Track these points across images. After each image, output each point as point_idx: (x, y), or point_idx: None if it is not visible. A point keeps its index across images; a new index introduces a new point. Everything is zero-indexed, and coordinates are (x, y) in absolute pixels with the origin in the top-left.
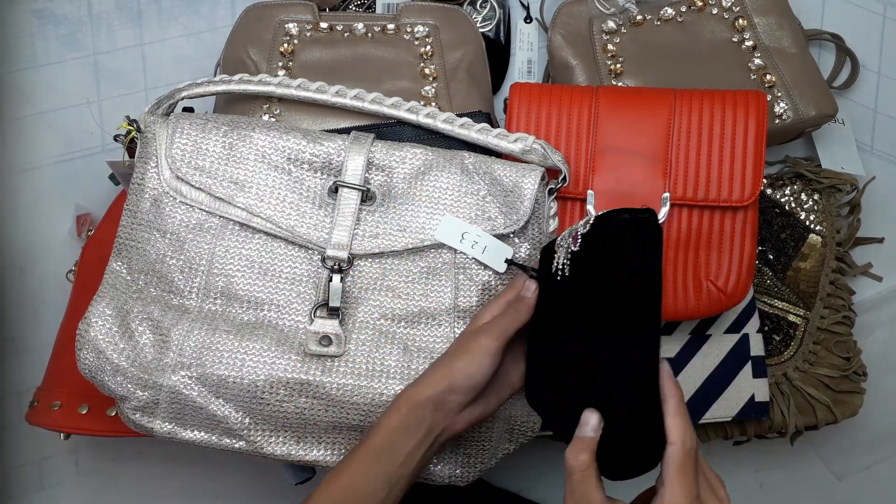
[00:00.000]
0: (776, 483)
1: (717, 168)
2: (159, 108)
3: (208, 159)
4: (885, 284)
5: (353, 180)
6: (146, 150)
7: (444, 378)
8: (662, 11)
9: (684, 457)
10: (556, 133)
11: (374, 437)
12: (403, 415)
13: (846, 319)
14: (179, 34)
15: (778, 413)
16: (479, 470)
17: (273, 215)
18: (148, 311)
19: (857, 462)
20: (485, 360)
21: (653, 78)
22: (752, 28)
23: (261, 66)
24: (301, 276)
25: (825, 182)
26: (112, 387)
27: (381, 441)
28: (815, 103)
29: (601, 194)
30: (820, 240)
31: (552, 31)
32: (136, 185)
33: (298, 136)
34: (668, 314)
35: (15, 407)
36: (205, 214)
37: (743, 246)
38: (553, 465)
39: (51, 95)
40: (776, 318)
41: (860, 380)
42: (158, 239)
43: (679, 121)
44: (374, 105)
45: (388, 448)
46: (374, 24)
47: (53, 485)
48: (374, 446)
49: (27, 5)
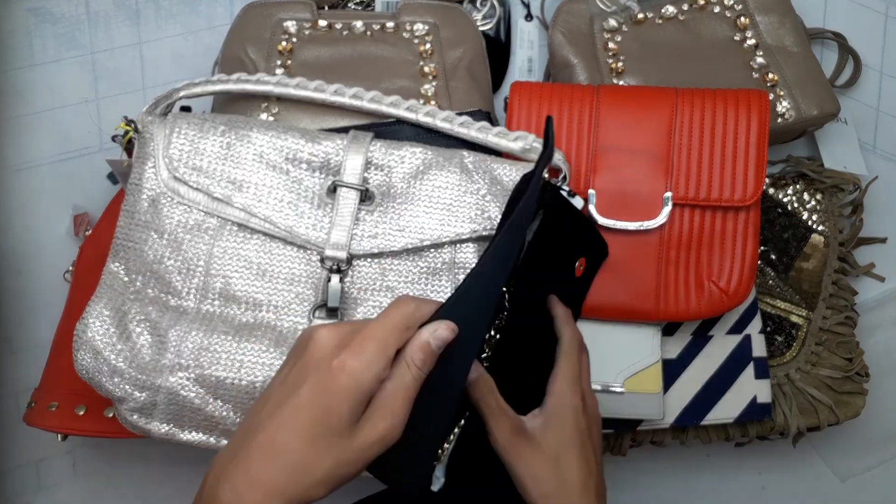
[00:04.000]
0: (778, 484)
1: (718, 167)
2: (157, 108)
3: (206, 159)
4: (887, 285)
5: (351, 180)
6: (144, 151)
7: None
8: (664, 10)
9: (572, 340)
10: (557, 132)
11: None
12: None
13: (849, 320)
14: (177, 33)
15: (780, 414)
16: None
17: (271, 215)
18: (146, 311)
19: (860, 463)
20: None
21: (654, 77)
22: (754, 26)
23: (259, 65)
24: (299, 276)
25: (828, 182)
26: (109, 388)
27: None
28: (818, 102)
29: (602, 193)
30: (822, 240)
31: (553, 30)
32: (133, 185)
33: (297, 136)
34: (669, 315)
35: (12, 408)
36: (203, 215)
37: (745, 246)
38: None
39: (48, 94)
40: (778, 319)
41: (863, 381)
42: (156, 239)
43: (681, 120)
44: (373, 104)
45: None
46: (373, 23)
47: (50, 486)
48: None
49: (24, 3)
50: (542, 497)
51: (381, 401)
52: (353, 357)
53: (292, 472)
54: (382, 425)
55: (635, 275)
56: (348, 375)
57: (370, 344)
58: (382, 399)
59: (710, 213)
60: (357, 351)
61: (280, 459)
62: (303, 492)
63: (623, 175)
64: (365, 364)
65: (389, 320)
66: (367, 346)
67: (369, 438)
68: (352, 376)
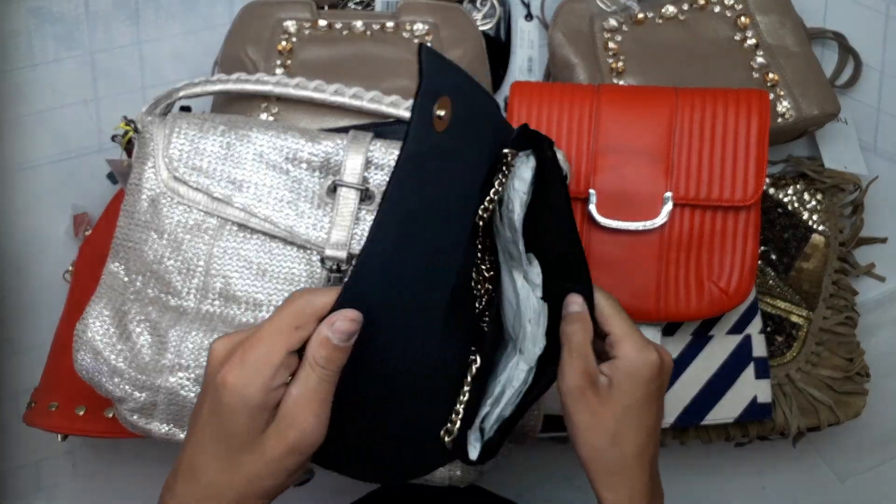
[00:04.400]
0: (778, 485)
1: (719, 167)
2: (157, 108)
3: (206, 159)
4: (888, 285)
5: (351, 179)
6: (143, 151)
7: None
8: (664, 9)
9: (612, 300)
10: (557, 132)
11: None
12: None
13: (849, 320)
14: (177, 32)
15: (780, 414)
16: (479, 471)
17: (271, 215)
18: (146, 312)
19: (860, 463)
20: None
21: (654, 76)
22: (754, 26)
23: (259, 65)
24: (299, 276)
25: (828, 182)
26: (110, 388)
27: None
28: (818, 102)
29: (602, 194)
30: (823, 240)
31: (553, 29)
32: (133, 185)
33: (297, 135)
34: (669, 315)
35: (12, 408)
36: (202, 215)
37: (745, 246)
38: (554, 468)
39: (47, 94)
40: (779, 319)
41: (863, 381)
42: (156, 239)
43: (681, 120)
44: (373, 104)
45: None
46: (373, 22)
47: (51, 486)
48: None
49: (24, 3)
50: (593, 450)
51: (286, 409)
52: (232, 372)
53: (208, 492)
54: (291, 434)
55: (635, 275)
56: (230, 393)
57: (251, 354)
58: (287, 407)
59: (710, 213)
60: (237, 364)
61: (198, 480)
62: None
63: (623, 175)
64: (245, 379)
65: (276, 323)
66: (249, 357)
67: (278, 451)
68: (234, 393)
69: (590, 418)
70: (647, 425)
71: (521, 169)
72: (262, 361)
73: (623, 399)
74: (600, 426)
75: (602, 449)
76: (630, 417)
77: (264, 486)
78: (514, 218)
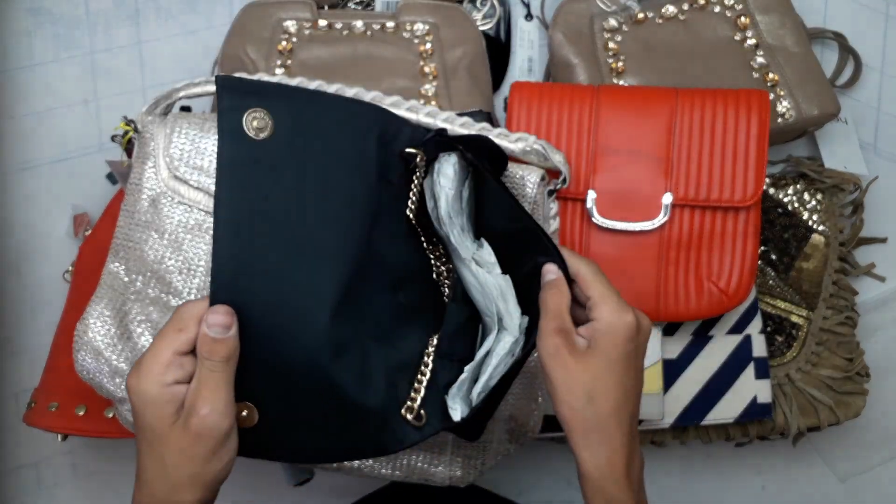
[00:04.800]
0: (778, 484)
1: (719, 168)
2: (157, 108)
3: (207, 159)
4: (888, 285)
5: None
6: (144, 151)
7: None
8: (664, 9)
9: (593, 266)
10: (557, 132)
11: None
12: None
13: (849, 320)
14: (177, 32)
15: (780, 414)
16: (479, 471)
17: None
18: (146, 312)
19: (860, 463)
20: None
21: (654, 77)
22: (754, 26)
23: (259, 65)
24: None
25: (828, 182)
26: (110, 388)
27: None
28: (818, 102)
29: (602, 194)
30: (823, 240)
31: (553, 29)
32: (133, 185)
33: None
34: (669, 315)
35: (12, 408)
36: (203, 214)
37: (745, 246)
38: (553, 467)
39: (47, 94)
40: (779, 319)
41: (863, 381)
42: (156, 239)
43: (681, 120)
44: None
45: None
46: (374, 22)
47: (51, 486)
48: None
49: (23, 3)
50: (570, 409)
51: (187, 401)
52: (130, 378)
53: (150, 489)
54: (192, 422)
55: (635, 275)
56: (132, 394)
57: (142, 359)
58: (187, 399)
59: (710, 214)
60: (134, 370)
61: (144, 480)
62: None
63: (623, 175)
64: (138, 379)
65: (162, 331)
66: (141, 362)
67: (185, 438)
68: (134, 393)
69: (566, 375)
70: (623, 384)
71: (444, 166)
72: (150, 362)
73: (600, 358)
74: (577, 384)
75: (579, 408)
76: (607, 376)
77: (185, 474)
78: (440, 213)
